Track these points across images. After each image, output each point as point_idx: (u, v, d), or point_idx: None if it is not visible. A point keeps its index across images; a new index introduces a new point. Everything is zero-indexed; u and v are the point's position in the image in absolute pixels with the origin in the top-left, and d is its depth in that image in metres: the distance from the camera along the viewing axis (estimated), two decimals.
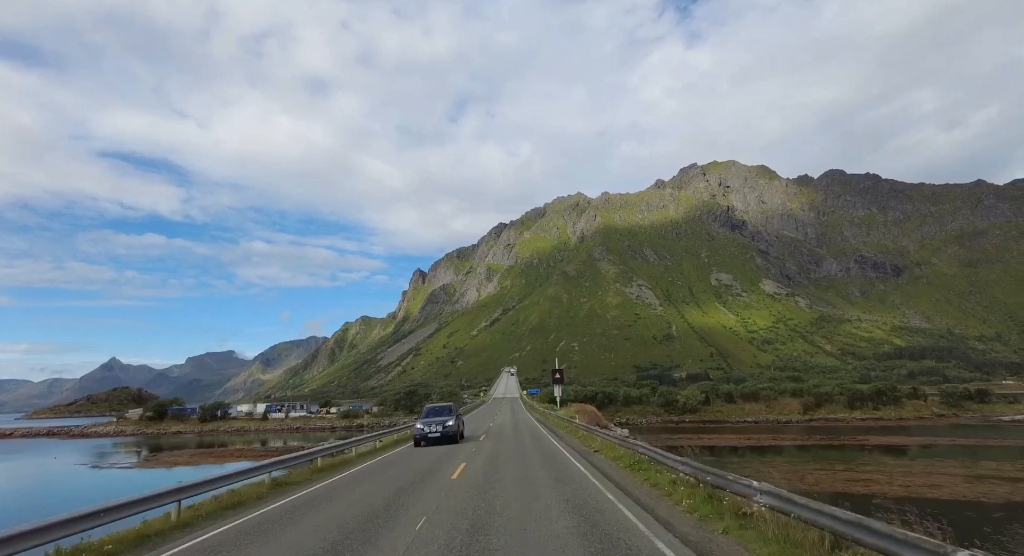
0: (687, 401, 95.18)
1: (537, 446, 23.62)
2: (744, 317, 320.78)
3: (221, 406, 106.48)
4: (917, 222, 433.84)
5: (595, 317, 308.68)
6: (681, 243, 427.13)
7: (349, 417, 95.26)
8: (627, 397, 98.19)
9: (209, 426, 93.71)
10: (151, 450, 66.81)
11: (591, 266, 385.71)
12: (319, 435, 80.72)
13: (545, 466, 16.87)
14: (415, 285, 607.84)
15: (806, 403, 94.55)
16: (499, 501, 11.25)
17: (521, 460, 18.57)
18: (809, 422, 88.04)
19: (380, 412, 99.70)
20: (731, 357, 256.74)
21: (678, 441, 55.27)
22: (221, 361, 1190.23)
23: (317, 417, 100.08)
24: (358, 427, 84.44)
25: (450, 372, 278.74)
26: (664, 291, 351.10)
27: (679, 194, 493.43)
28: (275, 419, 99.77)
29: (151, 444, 74.86)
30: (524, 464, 17.44)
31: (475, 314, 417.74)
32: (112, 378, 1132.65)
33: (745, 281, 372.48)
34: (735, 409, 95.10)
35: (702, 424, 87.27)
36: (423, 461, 19.28)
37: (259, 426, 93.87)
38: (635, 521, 9.30)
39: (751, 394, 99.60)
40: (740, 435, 67.91)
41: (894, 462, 42.33)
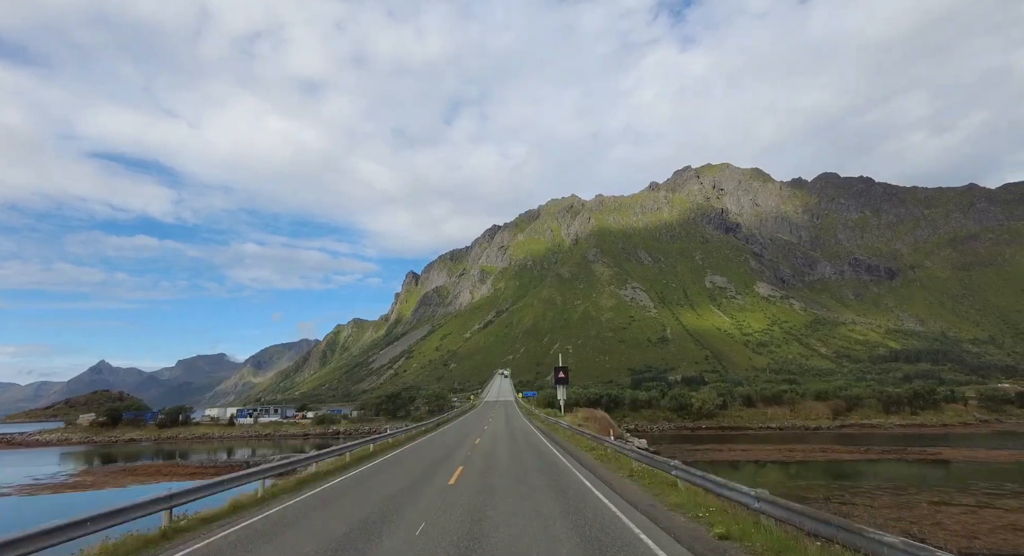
0: (703, 405, 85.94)
1: (556, 486, 14.36)
2: (739, 320, 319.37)
3: (183, 411, 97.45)
4: (910, 225, 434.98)
5: (589, 319, 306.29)
6: (675, 245, 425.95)
7: (324, 423, 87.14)
8: (634, 401, 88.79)
9: (168, 433, 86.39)
10: (88, 461, 59.76)
11: (585, 268, 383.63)
12: (291, 443, 74.73)
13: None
14: (408, 287, 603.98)
15: (835, 407, 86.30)
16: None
17: (535, 525, 9.97)
18: (841, 429, 79.52)
19: (360, 417, 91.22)
20: (726, 360, 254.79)
21: (709, 454, 49.47)
22: (212, 364, 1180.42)
23: (289, 423, 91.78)
24: (334, 434, 78.79)
25: (443, 375, 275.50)
26: (658, 293, 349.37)
27: (673, 197, 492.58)
28: (243, 425, 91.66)
29: (103, 454, 68.39)
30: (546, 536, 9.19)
31: (468, 316, 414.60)
32: (101, 381, 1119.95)
33: (739, 284, 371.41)
34: (756, 414, 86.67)
35: (721, 431, 78.78)
36: (389, 487, 14.79)
37: (224, 433, 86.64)
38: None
39: (773, 397, 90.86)
40: (778, 446, 57.73)
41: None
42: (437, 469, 18.53)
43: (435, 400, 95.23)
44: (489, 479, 15.81)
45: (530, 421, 50.44)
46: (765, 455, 51.19)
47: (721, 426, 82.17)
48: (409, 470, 18.64)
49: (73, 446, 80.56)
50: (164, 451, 70.11)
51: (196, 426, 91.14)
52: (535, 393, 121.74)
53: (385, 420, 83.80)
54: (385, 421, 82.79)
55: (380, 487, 15.07)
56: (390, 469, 19.21)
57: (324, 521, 10.87)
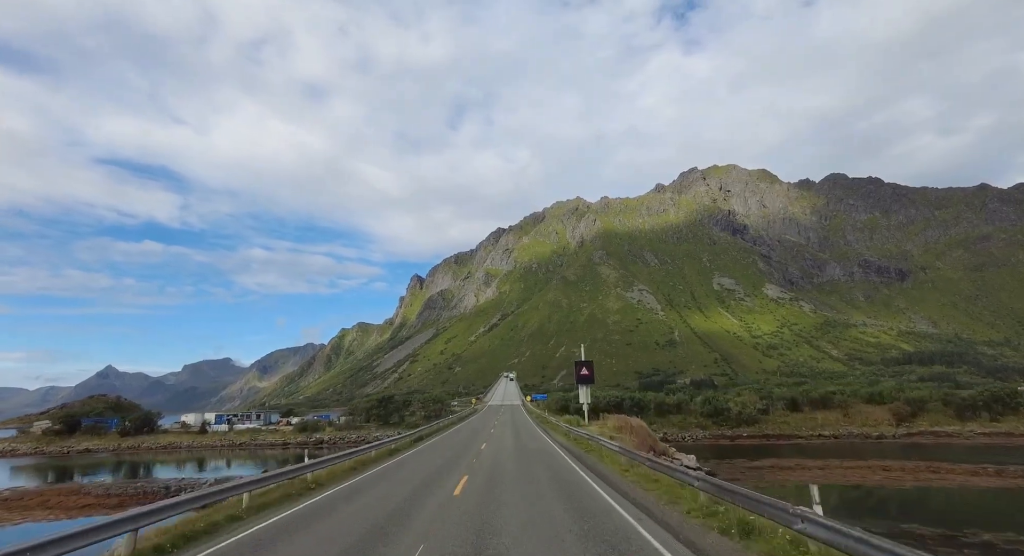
0: (743, 410, 74.89)
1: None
2: (748, 322, 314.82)
3: (149, 417, 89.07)
4: (921, 226, 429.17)
5: (596, 322, 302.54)
6: (682, 247, 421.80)
7: (307, 431, 78.91)
8: (661, 405, 77.41)
9: (131, 441, 78.41)
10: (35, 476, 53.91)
11: (591, 271, 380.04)
12: (268, 453, 68.78)
13: None
14: (412, 291, 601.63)
15: (897, 412, 74.78)
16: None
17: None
18: (910, 438, 68.77)
19: (347, 424, 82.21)
20: (735, 362, 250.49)
21: (772, 474, 40.32)
22: (218, 368, 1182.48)
23: (268, 431, 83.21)
24: (317, 443, 72.52)
25: (448, 378, 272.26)
26: (666, 296, 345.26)
27: (679, 198, 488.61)
28: (216, 433, 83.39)
29: (56, 467, 61.79)
30: None
31: (473, 320, 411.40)
32: (107, 386, 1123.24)
33: (748, 285, 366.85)
34: (803, 419, 75.56)
35: (766, 440, 68.42)
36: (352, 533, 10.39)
37: (194, 441, 78.37)
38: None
39: (821, 400, 79.37)
40: (854, 463, 45.92)
41: None
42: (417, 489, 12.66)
43: (432, 404, 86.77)
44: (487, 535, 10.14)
45: (546, 432, 39.65)
46: (843, 475, 40.23)
47: (765, 434, 71.62)
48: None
49: (19, 458, 72.54)
50: (123, 463, 64.31)
51: (164, 434, 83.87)
52: (545, 396, 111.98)
53: (376, 427, 77.15)
54: (376, 428, 76.35)
55: (361, 518, 11.57)
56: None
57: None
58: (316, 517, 12.44)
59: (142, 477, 51.86)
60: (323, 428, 78.99)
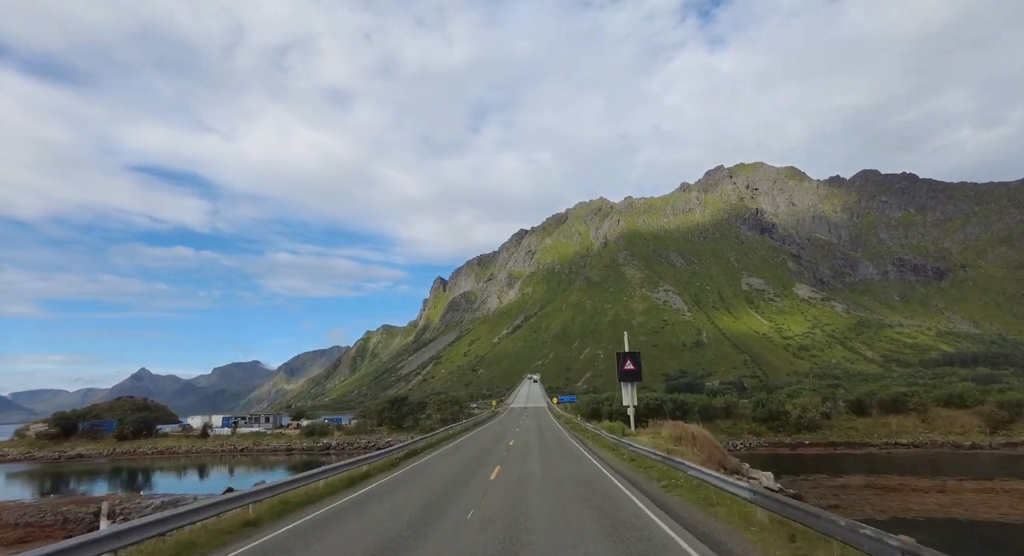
0: (803, 414, 63.91)
1: None
2: (778, 323, 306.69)
3: (147, 420, 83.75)
4: (960, 222, 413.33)
5: (620, 323, 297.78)
6: (709, 247, 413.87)
7: (314, 435, 73.42)
8: (706, 408, 67.42)
9: (127, 446, 73.73)
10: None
11: (615, 271, 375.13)
12: (271, 459, 64.58)
13: None
14: (436, 293, 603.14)
15: (991, 417, 62.06)
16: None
17: None
18: (1013, 448, 55.38)
19: (357, 427, 76.66)
20: (766, 364, 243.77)
21: (885, 499, 29.35)
22: (246, 371, 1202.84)
23: (273, 435, 77.79)
24: (323, 449, 68.22)
25: (471, 381, 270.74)
26: (693, 296, 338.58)
27: (705, 197, 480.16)
28: (218, 437, 77.89)
29: (52, 474, 57.89)
30: None
31: (496, 321, 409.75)
32: (141, 388, 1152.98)
33: (777, 285, 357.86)
34: (873, 425, 64.43)
35: (833, 449, 58.43)
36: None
37: (194, 447, 73.19)
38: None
39: (892, 402, 67.76)
40: (983, 486, 33.24)
41: None
42: None
43: (449, 406, 79.52)
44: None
45: (584, 444, 30.38)
46: (976, 502, 28.33)
47: (831, 442, 61.20)
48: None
49: (8, 464, 68.56)
50: (121, 469, 60.76)
51: (163, 438, 79.21)
52: (573, 398, 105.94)
53: (387, 431, 71.70)
54: (387, 432, 71.07)
55: None
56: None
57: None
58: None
59: (140, 484, 49.53)
60: (331, 432, 74.07)
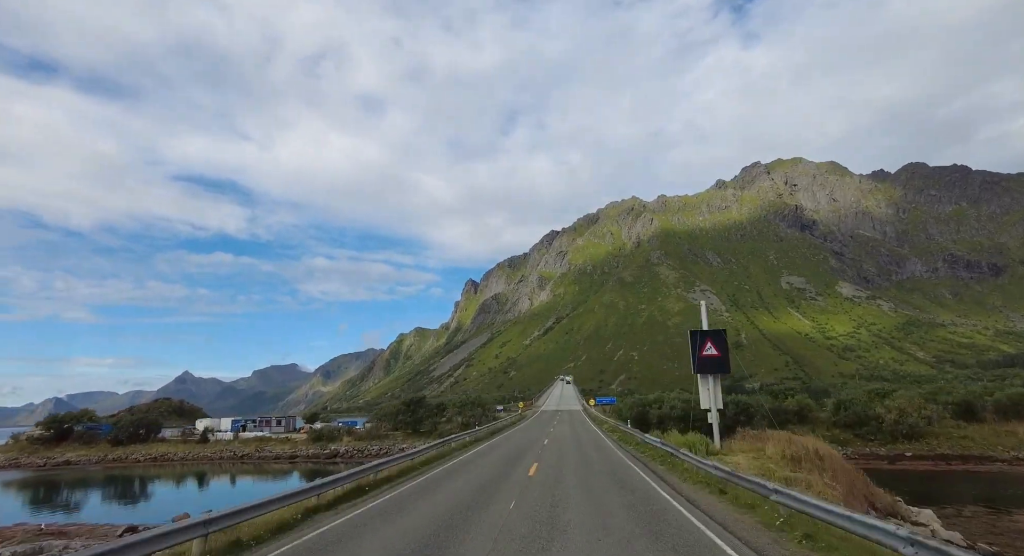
0: (900, 419, 50.02)
1: None
2: (820, 323, 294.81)
3: (145, 423, 77.37)
4: (1018, 216, 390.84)
5: (655, 324, 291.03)
6: (746, 245, 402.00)
7: (321, 440, 67.00)
8: (778, 412, 52.83)
9: (120, 452, 68.82)
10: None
11: (649, 271, 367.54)
12: (275, 467, 59.94)
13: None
14: (467, 295, 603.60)
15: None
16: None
17: None
18: None
19: (369, 432, 69.32)
20: (808, 366, 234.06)
21: None
22: (284, 373, 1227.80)
23: (279, 440, 71.23)
24: (330, 457, 62.76)
25: (503, 383, 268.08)
26: (730, 296, 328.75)
27: (742, 194, 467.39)
28: (219, 442, 72.65)
29: (46, 482, 54.18)
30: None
31: (528, 323, 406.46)
32: (185, 391, 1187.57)
33: (819, 284, 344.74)
34: (993, 432, 50.82)
35: (946, 464, 45.17)
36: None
37: (191, 452, 67.92)
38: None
39: (1012, 405, 53.69)
40: None
41: None
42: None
43: (470, 408, 71.44)
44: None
45: (651, 472, 19.75)
46: None
47: (941, 455, 47.17)
48: None
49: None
50: (116, 477, 56.54)
51: (159, 443, 73.59)
52: (613, 400, 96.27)
53: (402, 436, 65.38)
54: (402, 438, 64.71)
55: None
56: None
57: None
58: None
59: (136, 494, 46.74)
60: (340, 438, 67.94)
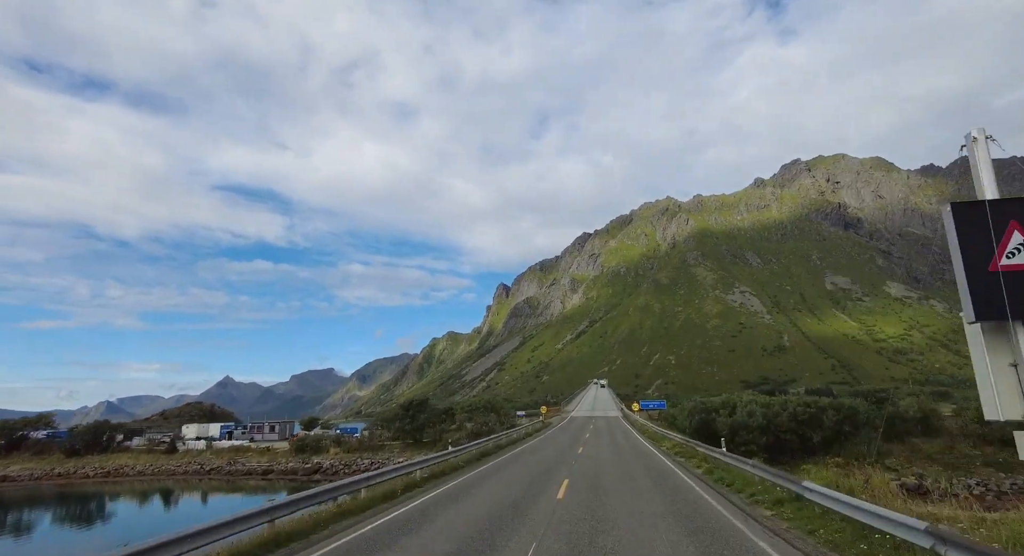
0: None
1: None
2: (868, 324, 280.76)
3: (105, 429, 66.32)
4: None
5: (693, 327, 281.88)
6: (788, 245, 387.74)
7: (306, 451, 56.02)
8: (894, 420, 38.29)
9: (72, 464, 58.68)
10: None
11: (685, 273, 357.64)
12: (251, 483, 50.95)
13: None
14: (499, 299, 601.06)
15: None
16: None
17: None
18: None
19: (361, 443, 57.35)
20: (857, 369, 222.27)
21: None
22: (321, 378, 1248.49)
23: (258, 450, 60.34)
24: (310, 471, 51.31)
25: (535, 387, 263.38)
26: (771, 297, 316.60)
27: (781, 193, 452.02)
28: (188, 452, 62.44)
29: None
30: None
31: (560, 327, 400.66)
32: (226, 395, 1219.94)
33: (866, 284, 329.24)
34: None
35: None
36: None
37: (152, 465, 57.24)
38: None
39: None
40: None
41: None
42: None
43: (482, 414, 58.98)
44: None
45: None
46: None
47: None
48: None
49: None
50: (66, 495, 48.65)
51: (120, 454, 62.22)
52: (663, 404, 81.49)
53: (400, 448, 53.85)
54: (400, 449, 53.14)
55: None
56: None
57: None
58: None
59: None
60: (326, 449, 56.84)
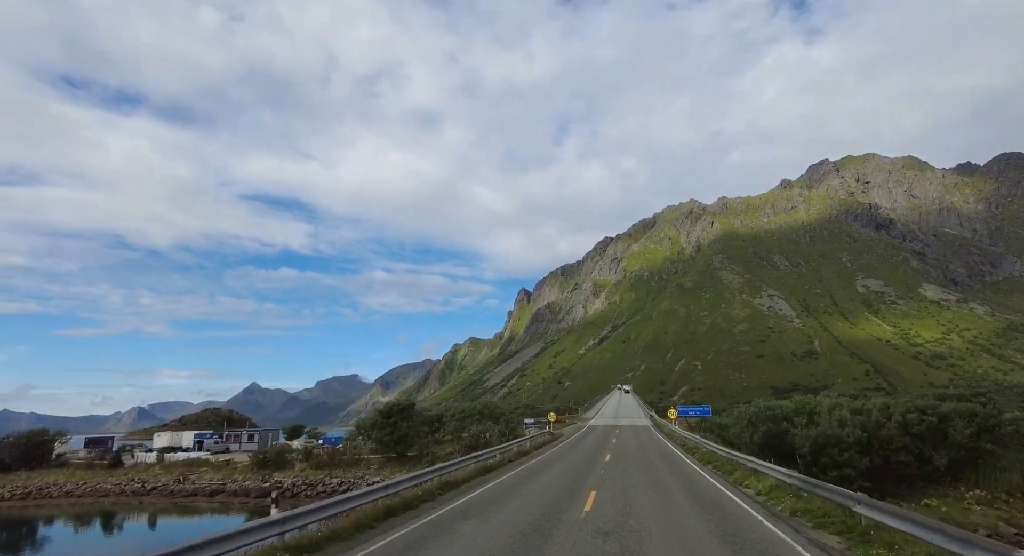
0: None
1: None
2: (904, 328, 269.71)
3: (42, 438, 55.65)
4: None
5: (719, 332, 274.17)
6: (816, 247, 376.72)
7: (267, 467, 46.59)
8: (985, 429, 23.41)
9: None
10: None
11: (711, 276, 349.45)
12: (200, 505, 42.44)
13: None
14: (520, 305, 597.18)
15: None
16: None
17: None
18: None
19: (332, 458, 47.61)
20: (892, 375, 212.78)
21: None
22: (345, 384, 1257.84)
23: (215, 466, 49.98)
24: (264, 493, 40.97)
25: (557, 393, 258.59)
26: (801, 301, 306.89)
27: (809, 194, 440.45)
28: (137, 467, 52.72)
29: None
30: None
31: (582, 332, 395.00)
32: (252, 401, 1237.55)
33: (900, 287, 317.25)
34: None
35: None
36: None
37: (89, 483, 47.94)
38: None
39: None
40: None
41: None
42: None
43: (480, 421, 49.34)
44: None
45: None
46: None
47: None
48: None
49: None
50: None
51: (56, 470, 51.73)
52: (707, 410, 66.93)
53: (379, 463, 45.21)
54: (379, 465, 44.60)
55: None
56: None
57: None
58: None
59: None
60: (291, 464, 47.46)
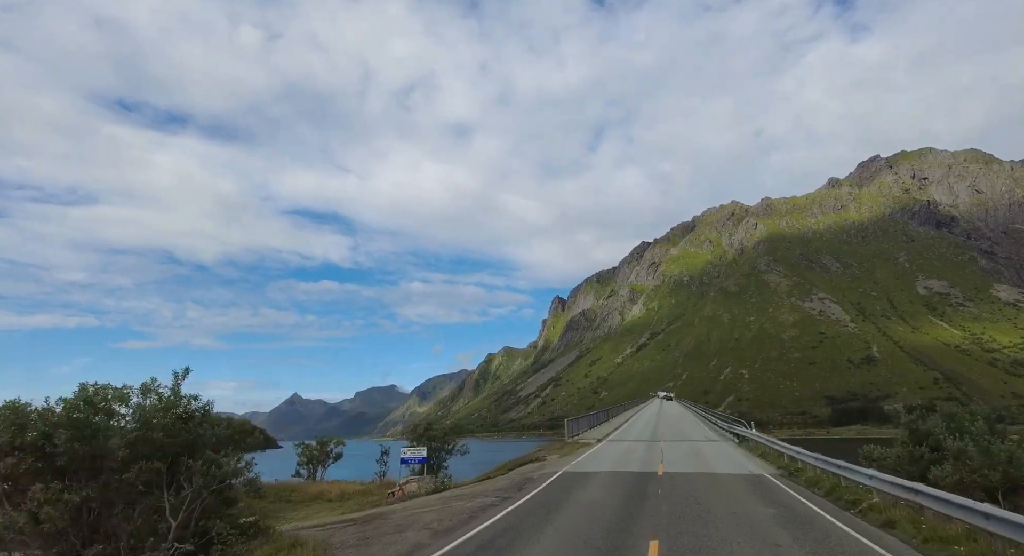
0: None
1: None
2: (975, 332, 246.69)
3: None
4: None
5: (767, 338, 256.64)
6: (869, 248, 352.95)
7: None
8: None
9: None
10: None
11: (756, 280, 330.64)
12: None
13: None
14: (555, 313, 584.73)
15: None
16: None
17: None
18: None
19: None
20: (966, 383, 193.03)
21: None
22: (384, 395, 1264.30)
23: None
24: None
25: (593, 403, 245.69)
26: (855, 304, 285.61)
27: (860, 192, 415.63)
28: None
29: None
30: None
31: (619, 340, 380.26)
32: (294, 412, 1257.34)
33: (968, 288, 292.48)
34: None
35: None
36: None
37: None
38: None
39: None
40: None
41: None
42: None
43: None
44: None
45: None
46: None
47: None
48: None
49: None
50: None
51: None
52: None
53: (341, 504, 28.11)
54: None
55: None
56: None
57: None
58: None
59: None
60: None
